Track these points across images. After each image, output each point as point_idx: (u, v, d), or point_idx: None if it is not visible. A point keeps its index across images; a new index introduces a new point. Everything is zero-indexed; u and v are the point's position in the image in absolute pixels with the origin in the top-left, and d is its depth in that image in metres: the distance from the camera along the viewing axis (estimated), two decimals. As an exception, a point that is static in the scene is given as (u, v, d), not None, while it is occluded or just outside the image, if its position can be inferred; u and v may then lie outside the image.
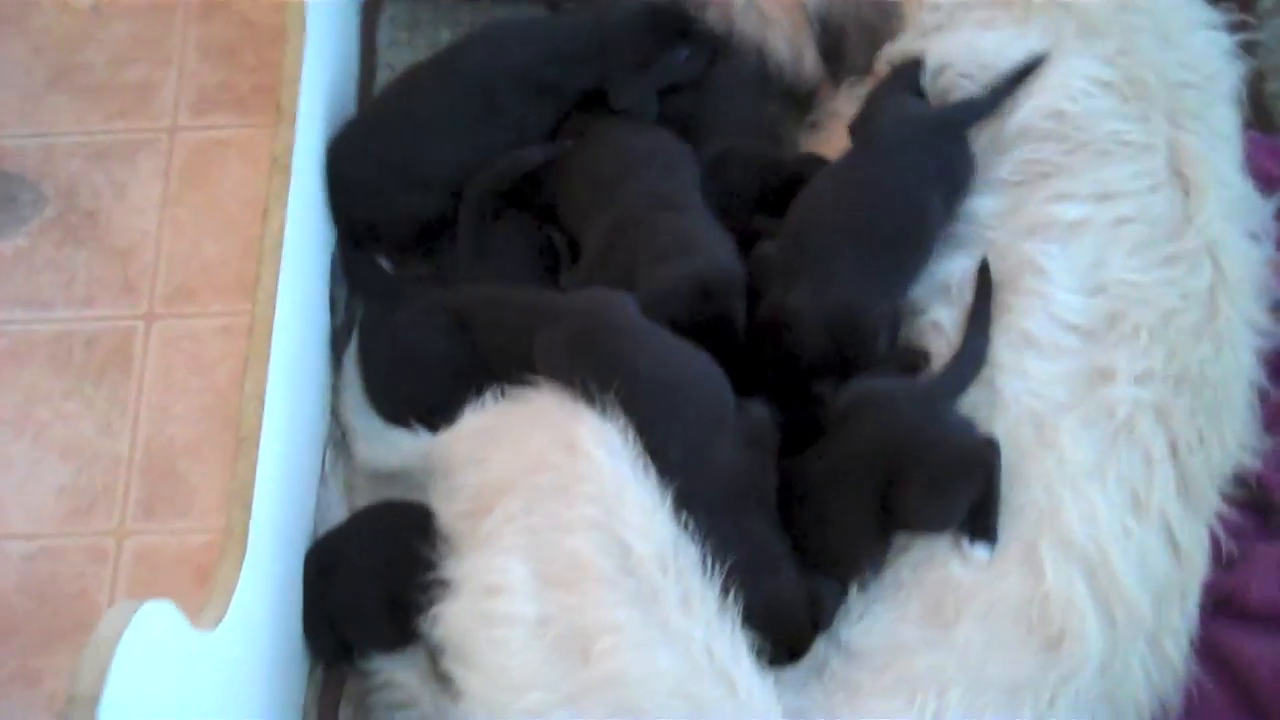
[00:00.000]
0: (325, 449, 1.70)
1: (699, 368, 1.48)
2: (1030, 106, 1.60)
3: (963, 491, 1.42)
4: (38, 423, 1.85)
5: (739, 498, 1.44)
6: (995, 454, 1.43)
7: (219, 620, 1.35)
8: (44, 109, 2.07)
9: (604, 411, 1.41)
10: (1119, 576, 1.40)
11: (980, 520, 1.42)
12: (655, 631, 1.33)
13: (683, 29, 1.79)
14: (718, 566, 1.37)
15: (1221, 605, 1.49)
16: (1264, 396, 1.56)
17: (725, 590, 1.36)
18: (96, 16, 2.14)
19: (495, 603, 1.36)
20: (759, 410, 1.49)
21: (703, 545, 1.38)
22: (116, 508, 1.79)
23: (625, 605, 1.33)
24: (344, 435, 1.71)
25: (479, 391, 1.51)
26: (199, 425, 1.84)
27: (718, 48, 1.82)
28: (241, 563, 1.41)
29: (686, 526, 1.38)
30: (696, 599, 1.35)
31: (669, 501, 1.38)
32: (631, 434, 1.40)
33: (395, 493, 1.63)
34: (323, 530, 1.64)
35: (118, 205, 1.99)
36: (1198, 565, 1.47)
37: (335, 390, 1.73)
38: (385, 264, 1.79)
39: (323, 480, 1.68)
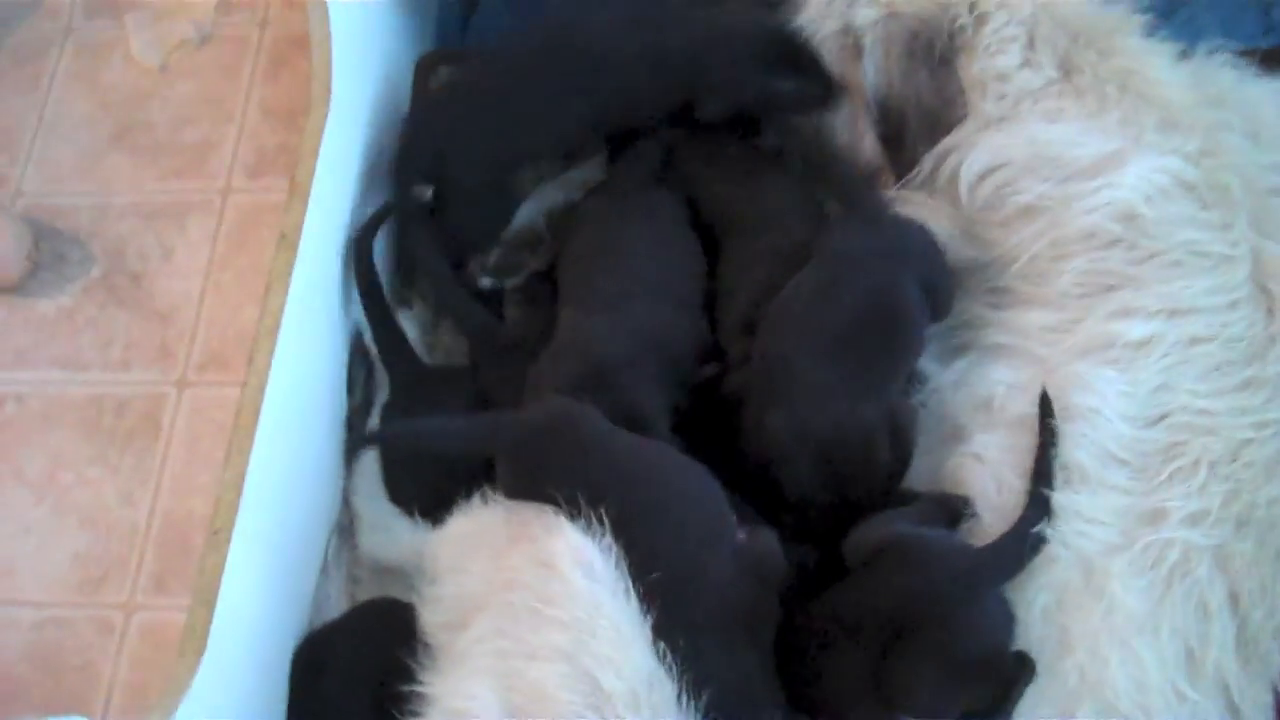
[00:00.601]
0: (330, 538, 1.61)
1: (688, 479, 1.36)
2: (1099, 206, 1.45)
3: (965, 693, 1.27)
4: (60, 487, 1.82)
5: (729, 624, 1.30)
6: (1024, 675, 1.27)
7: (161, 728, 1.27)
8: (102, 167, 2.05)
9: (588, 526, 1.30)
10: (1169, 751, 1.25)
11: None
12: (622, 773, 1.21)
13: (795, 59, 1.62)
14: (694, 704, 1.24)
15: (1283, 776, 1.33)
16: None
17: (702, 730, 1.24)
18: (164, 74, 2.12)
19: (461, 729, 1.26)
20: (767, 537, 1.35)
21: (681, 677, 1.25)
22: (128, 580, 1.75)
23: (591, 744, 1.22)
24: (351, 523, 1.62)
25: (469, 493, 1.41)
26: (219, 499, 1.78)
27: (832, 91, 1.63)
28: (197, 665, 1.32)
29: (665, 657, 1.25)
30: (669, 741, 1.23)
31: (648, 629, 1.26)
32: (617, 553, 1.29)
33: (397, 589, 1.53)
34: (319, 624, 1.55)
35: (163, 267, 1.96)
36: (1259, 735, 1.31)
37: (348, 474, 1.65)
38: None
39: (324, 571, 1.59)
